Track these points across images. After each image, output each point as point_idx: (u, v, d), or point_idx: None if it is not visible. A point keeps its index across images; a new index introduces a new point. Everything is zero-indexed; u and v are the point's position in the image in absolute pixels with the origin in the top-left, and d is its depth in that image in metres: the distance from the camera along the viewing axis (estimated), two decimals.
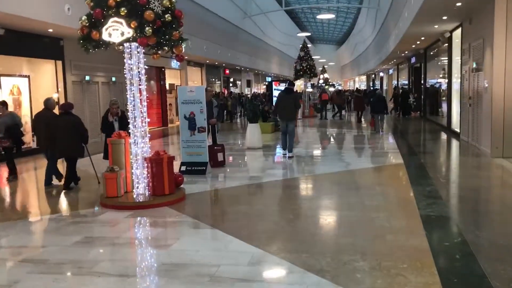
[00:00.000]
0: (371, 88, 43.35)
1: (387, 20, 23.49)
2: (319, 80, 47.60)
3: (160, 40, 6.36)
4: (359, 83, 63.07)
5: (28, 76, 13.01)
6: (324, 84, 45.59)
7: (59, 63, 14.05)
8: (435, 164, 10.06)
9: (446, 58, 16.44)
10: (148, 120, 6.82)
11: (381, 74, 42.97)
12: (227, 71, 32.91)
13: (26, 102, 12.89)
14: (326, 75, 49.74)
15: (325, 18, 47.80)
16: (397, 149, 11.95)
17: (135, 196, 6.68)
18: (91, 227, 5.66)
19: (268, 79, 43.41)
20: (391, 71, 36.45)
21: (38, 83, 13.45)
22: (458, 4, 10.86)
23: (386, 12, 23.29)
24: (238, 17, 29.18)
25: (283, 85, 19.97)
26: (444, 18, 12.86)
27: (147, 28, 6.04)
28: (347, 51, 62.65)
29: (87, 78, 15.18)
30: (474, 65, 11.55)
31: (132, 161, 6.74)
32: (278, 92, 11.49)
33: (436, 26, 14.45)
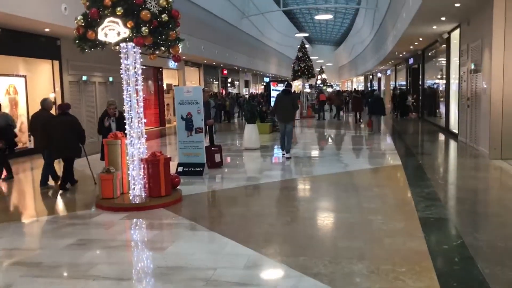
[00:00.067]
0: (369, 89, 43.34)
1: (385, 21, 23.47)
2: (317, 81, 47.61)
3: (157, 40, 6.31)
4: (357, 83, 63.07)
5: (24, 76, 12.93)
6: (322, 85, 45.62)
7: (56, 63, 13.97)
8: (433, 166, 10.02)
9: (444, 59, 16.42)
10: (145, 121, 6.78)
11: (379, 75, 42.97)
12: (225, 72, 32.84)
13: (23, 102, 12.81)
14: (324, 76, 49.81)
15: (323, 18, 47.80)
16: (395, 150, 11.92)
17: (131, 198, 6.61)
18: (86, 229, 5.59)
19: (266, 80, 43.36)
20: (389, 72, 36.45)
21: (35, 83, 13.37)
22: (457, 5, 10.83)
23: (384, 13, 23.27)
24: (236, 17, 29.13)
25: (281, 85, 19.93)
26: (443, 19, 12.84)
27: (143, 28, 5.99)
28: (345, 52, 62.66)
29: (84, 78, 15.10)
30: (472, 66, 11.53)
31: (129, 162, 6.69)
32: (277, 94, 11.47)
33: (434, 27, 14.43)
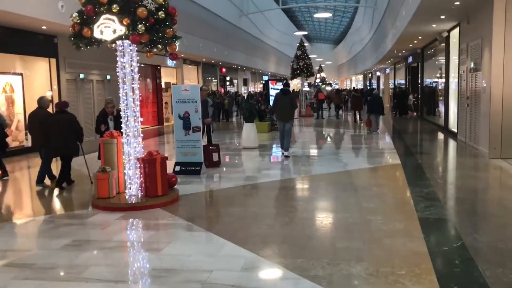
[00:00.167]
0: (368, 87, 43.27)
1: (384, 19, 23.40)
2: (316, 79, 47.52)
3: (153, 38, 6.22)
4: (356, 82, 63.02)
5: (21, 74, 12.83)
6: (321, 83, 45.54)
7: (53, 60, 13.86)
8: (433, 165, 9.96)
9: (443, 57, 16.36)
10: (141, 120, 6.69)
11: (378, 73, 42.91)
12: (224, 70, 32.74)
13: (19, 100, 12.71)
14: (323, 74, 49.73)
15: (322, 17, 47.75)
16: (394, 149, 11.85)
17: (127, 197, 6.53)
18: (81, 229, 5.51)
19: (265, 78, 43.27)
20: (388, 70, 36.38)
21: (32, 81, 13.27)
22: (457, 3, 10.76)
23: (383, 11, 23.19)
24: (234, 15, 29.01)
25: (279, 84, 19.85)
26: (442, 17, 12.77)
27: (139, 26, 5.90)
28: (344, 50, 62.56)
29: (82, 76, 15.01)
30: (472, 65, 11.46)
31: (125, 161, 6.60)
32: (275, 93, 11.41)
33: (434, 26, 14.36)
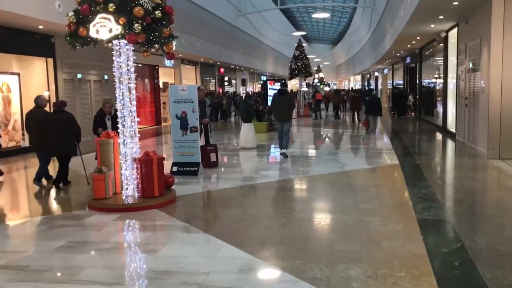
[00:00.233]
0: (366, 88, 43.25)
1: (383, 20, 23.36)
2: (314, 80, 47.49)
3: (150, 38, 6.17)
4: (354, 82, 63.01)
5: (18, 74, 12.76)
6: (319, 84, 45.49)
7: (50, 60, 13.77)
8: (431, 165, 9.92)
9: (441, 58, 16.33)
10: (138, 120, 6.64)
11: (376, 73, 42.89)
12: (222, 70, 32.68)
13: (16, 100, 12.63)
14: (321, 75, 49.70)
15: (320, 17, 47.72)
16: (392, 149, 11.82)
17: (124, 198, 6.48)
18: (77, 230, 5.44)
19: (263, 78, 43.23)
20: (386, 71, 36.36)
21: (29, 81, 13.20)
22: (455, 3, 10.73)
23: (381, 12, 23.15)
24: (232, 15, 28.95)
25: (278, 84, 19.80)
26: (441, 17, 12.74)
27: (136, 25, 5.85)
28: (342, 51, 62.56)
29: (79, 76, 14.92)
30: (470, 65, 11.42)
31: (121, 161, 6.55)
32: (273, 93, 11.42)
33: (432, 26, 14.33)
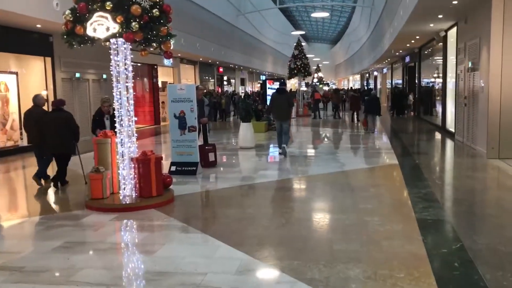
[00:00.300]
0: (365, 87, 43.22)
1: (382, 19, 23.33)
2: (313, 79, 47.45)
3: (148, 36, 6.12)
4: (353, 82, 62.98)
5: (16, 73, 12.70)
6: (318, 83, 45.44)
7: (48, 59, 13.72)
8: (431, 165, 9.89)
9: (441, 57, 16.30)
10: (135, 119, 6.59)
11: (375, 73, 42.86)
12: (221, 69, 32.62)
13: (14, 99, 12.57)
14: (321, 74, 49.67)
15: (319, 16, 47.66)
16: (391, 149, 11.78)
17: (121, 198, 6.43)
18: (74, 230, 5.39)
19: (263, 78, 43.17)
20: (385, 70, 36.33)
21: (27, 80, 13.14)
22: (454, 3, 10.70)
23: (380, 11, 23.13)
24: (232, 14, 28.90)
25: (277, 83, 19.76)
26: (440, 16, 12.70)
27: (133, 23, 5.80)
28: (341, 50, 62.53)
29: (77, 75, 14.87)
30: (469, 64, 11.39)
31: (119, 161, 6.51)
32: (272, 93, 11.41)
33: (431, 25, 14.30)
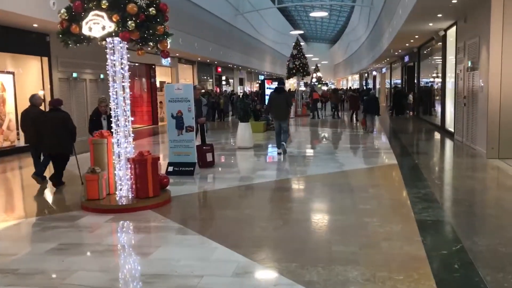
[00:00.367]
0: (364, 87, 43.17)
1: (381, 18, 23.28)
2: (312, 79, 47.38)
3: (144, 35, 6.05)
4: (352, 82, 62.93)
5: (12, 73, 12.62)
6: (317, 83, 45.36)
7: (45, 59, 13.64)
8: (430, 165, 9.83)
9: (440, 57, 16.24)
10: (132, 119, 6.53)
11: (374, 73, 42.81)
12: (219, 69, 32.54)
13: (11, 99, 12.48)
14: (319, 74, 49.58)
15: (318, 16, 47.59)
16: (390, 149, 11.72)
17: (117, 199, 6.36)
18: (69, 232, 5.32)
19: (261, 77, 43.09)
20: (384, 70, 36.28)
21: (23, 80, 13.06)
22: (454, 1, 10.64)
23: (379, 10, 23.07)
24: (230, 14, 28.82)
25: (275, 83, 19.67)
26: (439, 16, 12.65)
27: (129, 22, 5.73)
28: (340, 50, 62.46)
29: (75, 75, 14.80)
30: (469, 64, 11.33)
31: (115, 161, 6.44)
32: (270, 92, 11.38)
33: (430, 24, 14.24)
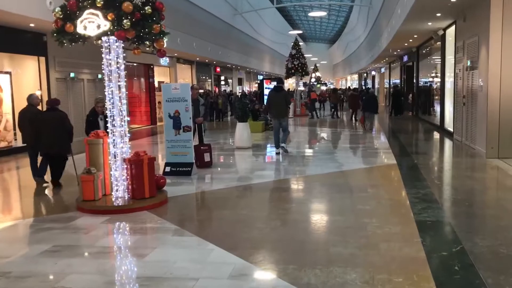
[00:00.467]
0: (363, 87, 43.13)
1: (380, 18, 23.22)
2: (311, 79, 47.32)
3: (140, 34, 5.98)
4: (351, 82, 62.87)
5: (9, 73, 12.53)
6: (316, 83, 45.30)
7: (42, 59, 13.55)
8: (429, 165, 9.76)
9: (439, 56, 16.19)
10: (128, 119, 6.46)
11: (373, 72, 42.76)
12: (218, 69, 32.46)
13: (8, 99, 12.40)
14: (318, 74, 49.54)
15: (317, 15, 47.48)
16: (389, 148, 11.66)
17: (113, 200, 6.29)
18: (64, 233, 5.24)
19: (260, 77, 43.01)
20: (383, 70, 36.23)
21: (21, 80, 12.97)
22: (453, 0, 10.57)
23: (378, 10, 23.01)
24: (228, 14, 28.73)
25: (274, 83, 19.62)
26: (438, 15, 12.58)
27: (125, 21, 5.66)
28: (339, 50, 62.40)
29: (72, 75, 14.71)
30: (468, 63, 11.28)
31: (111, 162, 6.36)
32: (269, 91, 11.38)
33: (429, 24, 14.18)
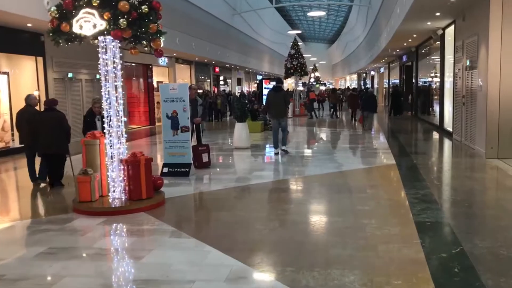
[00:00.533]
0: (362, 87, 43.09)
1: (379, 18, 23.18)
2: (310, 79, 47.28)
3: (137, 33, 5.92)
4: (350, 81, 62.84)
5: (7, 73, 12.47)
6: (315, 83, 45.26)
7: (40, 59, 13.47)
8: (428, 165, 9.71)
9: (438, 56, 16.14)
10: (125, 120, 6.41)
11: (372, 72, 42.73)
12: (217, 69, 32.40)
13: (5, 100, 12.34)
14: (317, 74, 49.51)
15: (315, 15, 47.42)
16: (388, 149, 11.61)
17: (110, 201, 6.23)
18: (60, 235, 5.18)
19: (259, 77, 42.95)
20: (382, 69, 36.20)
21: (18, 80, 12.91)
22: (452, 0, 10.52)
23: (377, 10, 22.97)
24: (227, 14, 28.68)
25: (273, 83, 19.59)
26: (437, 14, 12.54)
27: (121, 20, 5.60)
28: (338, 50, 62.38)
29: (70, 75, 14.64)
30: (467, 62, 11.23)
31: (108, 163, 6.31)
32: (268, 91, 11.37)
33: (428, 23, 14.13)
